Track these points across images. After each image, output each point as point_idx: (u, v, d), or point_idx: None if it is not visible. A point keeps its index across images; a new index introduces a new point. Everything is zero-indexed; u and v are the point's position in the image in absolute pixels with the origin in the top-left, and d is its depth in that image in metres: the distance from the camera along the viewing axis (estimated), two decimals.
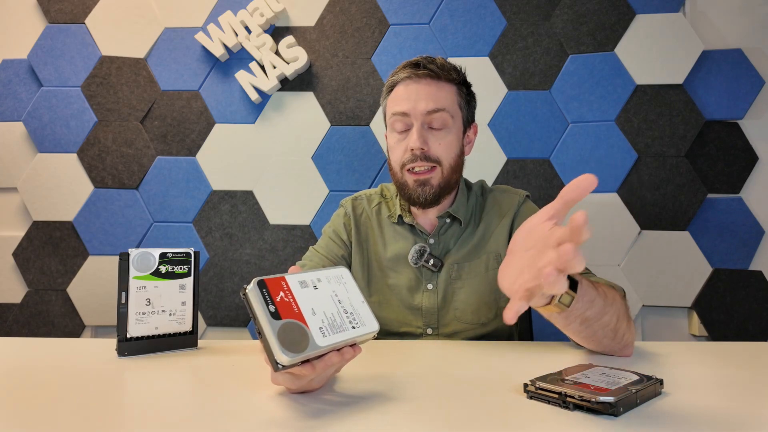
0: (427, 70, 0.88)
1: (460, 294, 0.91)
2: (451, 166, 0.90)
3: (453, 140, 0.90)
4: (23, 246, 1.65)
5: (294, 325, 0.46)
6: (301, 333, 0.46)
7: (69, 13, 1.69)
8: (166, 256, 0.74)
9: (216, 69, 1.68)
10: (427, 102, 0.87)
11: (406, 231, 0.97)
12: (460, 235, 0.95)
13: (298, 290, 0.49)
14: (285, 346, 0.44)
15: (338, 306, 0.51)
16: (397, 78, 0.91)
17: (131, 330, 0.71)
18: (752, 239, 1.51)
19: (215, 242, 1.64)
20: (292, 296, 0.48)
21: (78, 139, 1.66)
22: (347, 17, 1.67)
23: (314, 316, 0.48)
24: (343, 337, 0.48)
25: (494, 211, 0.97)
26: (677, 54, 1.56)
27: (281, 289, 0.48)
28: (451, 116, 0.89)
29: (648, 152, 1.56)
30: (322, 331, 0.47)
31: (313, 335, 0.46)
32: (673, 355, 0.70)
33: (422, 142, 0.86)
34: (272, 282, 0.48)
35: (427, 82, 0.88)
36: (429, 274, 0.93)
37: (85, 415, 0.48)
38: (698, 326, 1.51)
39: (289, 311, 0.47)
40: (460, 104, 0.92)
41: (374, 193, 1.05)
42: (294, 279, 0.50)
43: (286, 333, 0.45)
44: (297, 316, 0.47)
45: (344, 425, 0.45)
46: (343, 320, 0.50)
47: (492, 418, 0.46)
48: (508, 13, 1.63)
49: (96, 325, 1.64)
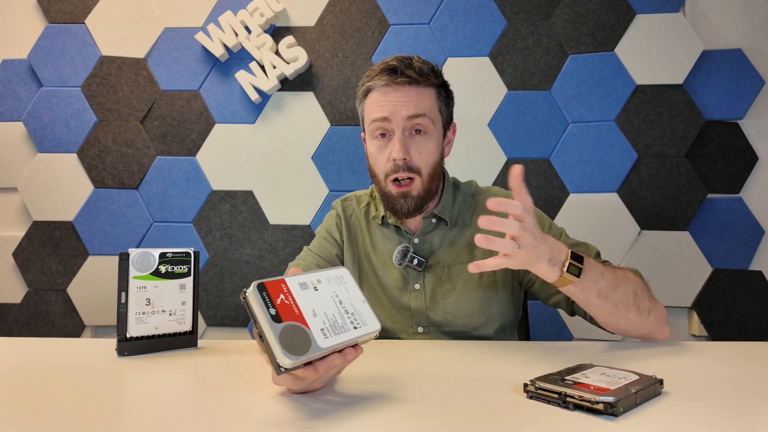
0: (405, 77, 0.86)
1: (450, 297, 0.91)
2: (430, 175, 0.89)
3: (433, 147, 0.89)
4: (23, 246, 1.65)
5: (295, 328, 0.45)
6: (303, 335, 0.45)
7: (69, 13, 1.69)
8: (165, 256, 0.74)
9: (216, 69, 1.68)
10: (408, 108, 0.86)
11: (392, 232, 0.97)
12: (446, 235, 0.94)
13: (298, 292, 0.49)
14: (287, 349, 0.43)
15: (339, 307, 0.51)
16: (374, 84, 0.89)
17: (131, 330, 0.71)
18: (752, 239, 1.51)
19: (215, 242, 1.64)
20: (292, 298, 0.48)
21: (78, 139, 1.66)
22: (347, 17, 1.67)
23: (315, 318, 0.48)
24: (345, 337, 0.48)
25: (486, 213, 0.96)
26: (677, 54, 1.56)
27: (281, 291, 0.48)
28: (432, 121, 0.88)
29: (648, 152, 1.56)
30: (323, 333, 0.47)
31: (315, 337, 0.46)
32: (673, 355, 0.70)
33: (404, 152, 0.85)
34: (272, 285, 0.48)
35: (405, 90, 0.87)
36: (415, 274, 0.93)
37: (85, 415, 0.48)
38: (698, 326, 1.51)
39: (289, 314, 0.46)
40: (440, 108, 0.91)
41: (364, 194, 1.05)
42: (294, 281, 0.50)
43: (287, 336, 0.44)
44: (298, 318, 0.46)
45: (344, 425, 0.45)
46: (344, 321, 0.50)
47: (492, 418, 0.46)
48: (508, 13, 1.63)
49: (96, 325, 1.64)
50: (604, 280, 0.71)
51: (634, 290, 0.73)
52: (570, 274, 0.67)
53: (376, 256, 0.97)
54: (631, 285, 0.74)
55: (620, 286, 0.72)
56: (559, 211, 1.58)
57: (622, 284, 0.72)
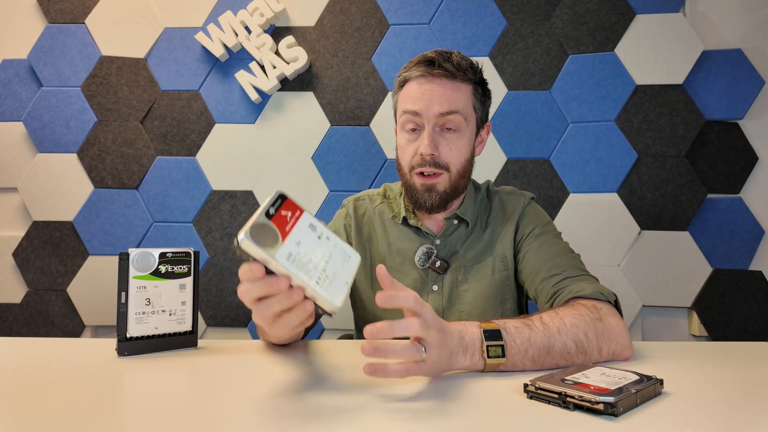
0: (442, 70, 0.84)
1: (465, 297, 0.91)
2: (459, 172, 0.87)
3: (464, 144, 0.87)
4: (23, 246, 1.65)
5: (273, 231, 0.48)
6: (273, 240, 0.47)
7: (69, 13, 1.69)
8: (165, 255, 0.74)
9: (216, 69, 1.68)
10: (441, 104, 0.83)
11: (411, 232, 0.95)
12: (467, 237, 0.94)
13: (302, 224, 0.50)
14: (252, 232, 0.46)
15: (322, 261, 0.50)
16: (410, 75, 0.86)
17: (131, 330, 0.71)
18: (752, 239, 1.51)
19: (215, 242, 1.64)
20: (294, 222, 0.50)
21: (78, 139, 1.66)
22: (347, 17, 1.67)
23: (295, 246, 0.49)
24: (303, 278, 0.48)
25: (500, 214, 0.96)
26: (677, 54, 1.56)
27: (293, 212, 0.50)
28: (465, 118, 0.86)
29: (648, 152, 1.56)
30: (290, 256, 0.48)
31: (280, 250, 0.47)
32: (673, 355, 0.70)
33: (433, 148, 0.84)
34: (290, 204, 0.50)
35: (441, 82, 0.84)
36: (434, 276, 0.92)
37: (85, 415, 0.48)
38: (698, 326, 1.51)
39: (281, 225, 0.48)
40: (474, 105, 0.88)
41: (377, 194, 1.04)
42: (309, 218, 0.51)
43: (262, 228, 0.47)
44: (282, 233, 0.48)
45: (344, 425, 0.45)
46: (314, 270, 0.49)
47: (492, 418, 0.46)
48: (508, 13, 1.63)
49: (96, 325, 1.64)
50: (533, 346, 0.61)
51: (575, 338, 0.63)
52: (494, 358, 0.58)
53: (392, 257, 0.95)
54: (571, 334, 0.64)
55: (554, 344, 0.62)
56: (559, 211, 1.58)
57: (556, 341, 0.62)
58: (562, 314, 0.67)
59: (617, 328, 0.68)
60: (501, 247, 0.93)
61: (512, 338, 0.60)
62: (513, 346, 0.60)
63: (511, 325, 0.62)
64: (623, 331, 0.68)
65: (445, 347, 0.56)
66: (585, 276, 0.81)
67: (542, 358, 0.62)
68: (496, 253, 0.92)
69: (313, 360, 0.69)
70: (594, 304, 0.71)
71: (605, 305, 0.72)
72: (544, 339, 0.62)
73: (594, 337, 0.65)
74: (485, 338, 0.59)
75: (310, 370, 0.64)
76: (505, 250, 0.92)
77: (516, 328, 0.62)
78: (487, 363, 0.59)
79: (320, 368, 0.65)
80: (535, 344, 0.61)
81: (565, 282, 0.79)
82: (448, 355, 0.56)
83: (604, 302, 0.72)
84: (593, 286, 0.76)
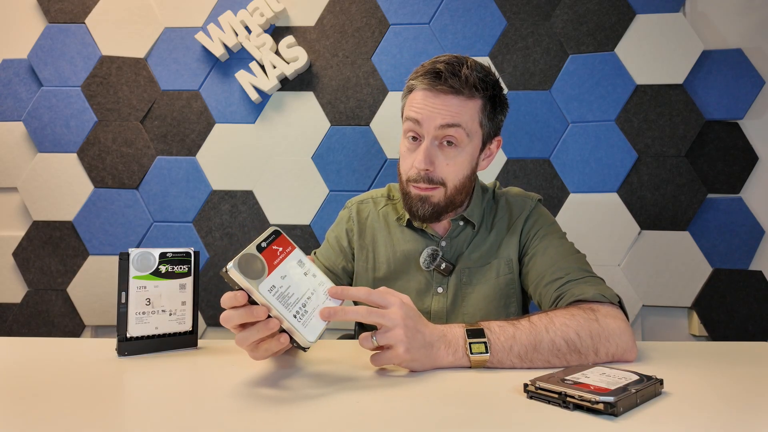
0: (447, 86, 0.80)
1: (470, 299, 0.90)
2: (456, 187, 0.86)
3: (464, 160, 0.84)
4: (23, 246, 1.65)
5: (262, 263, 0.53)
6: (260, 272, 0.52)
7: (69, 13, 1.69)
8: (166, 255, 0.74)
9: (216, 69, 1.68)
10: (443, 116, 0.81)
11: (416, 234, 0.95)
12: (473, 239, 0.93)
13: (291, 260, 0.56)
14: (240, 263, 0.51)
15: (304, 298, 0.55)
16: (415, 85, 0.84)
17: (131, 330, 0.71)
18: (752, 239, 1.51)
19: (215, 242, 1.64)
20: (283, 257, 0.55)
21: (78, 139, 1.66)
22: (347, 17, 1.67)
23: (279, 279, 0.53)
24: (281, 309, 0.52)
25: (505, 216, 0.95)
26: (677, 54, 1.56)
27: (284, 248, 0.56)
28: (467, 134, 0.82)
29: (648, 152, 1.56)
30: (272, 290, 0.52)
31: (263, 282, 0.52)
32: (673, 355, 0.70)
33: (428, 163, 0.82)
34: (284, 240, 0.56)
35: (445, 98, 0.81)
36: (439, 278, 0.92)
37: (85, 415, 0.48)
38: (698, 326, 1.51)
39: (269, 259, 0.54)
40: (481, 121, 0.84)
41: (381, 195, 1.03)
42: (298, 254, 0.57)
43: (251, 259, 0.52)
44: (270, 266, 0.53)
45: (345, 425, 0.45)
46: (295, 305, 0.54)
47: (492, 418, 0.46)
48: (508, 13, 1.63)
49: (96, 325, 1.64)
50: (518, 343, 0.62)
51: (565, 337, 0.64)
52: (478, 355, 0.61)
53: (396, 259, 0.95)
54: (560, 333, 0.64)
55: (541, 341, 0.63)
56: (559, 211, 1.58)
57: (543, 338, 0.63)
58: (552, 315, 0.68)
59: (617, 329, 0.67)
60: (506, 250, 0.92)
61: (496, 336, 0.63)
62: (497, 342, 0.62)
63: (495, 324, 0.65)
64: (624, 332, 0.67)
65: (417, 341, 0.59)
66: (589, 278, 0.80)
67: (529, 354, 0.63)
68: (501, 256, 0.92)
69: (314, 360, 0.69)
70: (591, 307, 0.70)
71: (606, 307, 0.71)
72: (529, 336, 0.64)
73: (588, 337, 0.65)
74: (468, 336, 0.62)
75: (310, 370, 0.64)
76: (511, 253, 0.92)
77: (500, 327, 0.64)
78: (471, 359, 0.61)
79: (320, 368, 0.65)
80: (520, 341, 0.63)
81: (568, 286, 0.78)
82: (426, 349, 0.60)
83: (605, 304, 0.72)
84: (596, 288, 0.75)
